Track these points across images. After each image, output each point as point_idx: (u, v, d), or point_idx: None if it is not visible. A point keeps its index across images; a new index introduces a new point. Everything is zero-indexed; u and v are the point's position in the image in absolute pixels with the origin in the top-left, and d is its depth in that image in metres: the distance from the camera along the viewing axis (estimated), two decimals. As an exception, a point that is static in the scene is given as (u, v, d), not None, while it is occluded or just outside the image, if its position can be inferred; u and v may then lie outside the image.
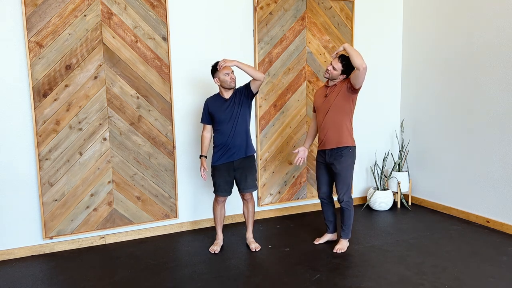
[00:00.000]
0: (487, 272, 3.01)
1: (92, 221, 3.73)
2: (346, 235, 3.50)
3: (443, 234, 3.83)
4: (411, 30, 4.85)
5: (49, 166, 3.54)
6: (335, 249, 3.46)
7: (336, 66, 3.28)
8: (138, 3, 3.71)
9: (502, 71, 3.82)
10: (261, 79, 3.26)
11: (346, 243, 3.52)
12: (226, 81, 3.29)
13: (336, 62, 3.28)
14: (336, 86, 3.33)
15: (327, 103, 3.35)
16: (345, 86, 3.27)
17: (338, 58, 3.29)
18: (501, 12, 3.80)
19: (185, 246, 3.69)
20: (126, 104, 3.76)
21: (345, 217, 3.45)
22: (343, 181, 3.37)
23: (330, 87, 3.38)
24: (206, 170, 3.47)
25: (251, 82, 3.33)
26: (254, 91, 3.34)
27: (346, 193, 3.40)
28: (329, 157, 3.39)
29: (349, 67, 3.27)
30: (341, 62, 3.27)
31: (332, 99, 3.32)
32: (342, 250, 3.45)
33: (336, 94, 3.30)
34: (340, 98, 3.29)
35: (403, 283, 2.87)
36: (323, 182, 3.54)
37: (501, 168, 3.88)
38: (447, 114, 4.43)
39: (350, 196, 3.42)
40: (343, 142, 3.33)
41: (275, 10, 4.24)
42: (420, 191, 4.85)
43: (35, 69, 3.43)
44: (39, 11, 3.40)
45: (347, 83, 3.26)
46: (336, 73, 3.29)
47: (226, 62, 3.21)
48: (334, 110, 3.31)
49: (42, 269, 3.26)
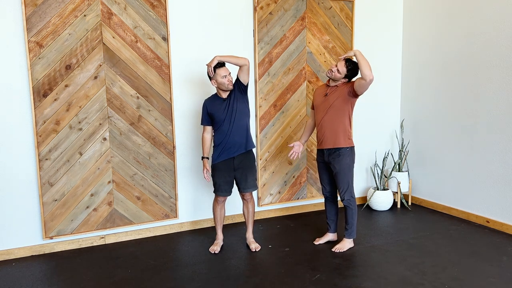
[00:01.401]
0: (487, 272, 3.01)
1: (92, 221, 3.73)
2: (349, 235, 3.48)
3: (443, 234, 3.83)
4: (411, 30, 4.85)
5: (49, 166, 3.54)
6: (334, 248, 3.45)
7: (341, 69, 3.27)
8: (138, 3, 3.71)
9: (502, 71, 3.82)
10: (246, 63, 3.26)
11: (348, 243, 3.49)
12: (224, 83, 3.28)
13: (342, 65, 3.27)
14: (338, 88, 3.33)
15: (326, 103, 3.35)
16: (346, 90, 3.28)
17: (345, 62, 3.28)
18: (501, 12, 3.80)
19: (185, 246, 3.69)
20: (126, 104, 3.76)
21: (348, 216, 3.44)
22: (343, 180, 3.38)
23: (331, 87, 3.37)
24: (209, 172, 3.47)
25: (238, 73, 3.33)
26: (245, 81, 3.33)
27: (347, 192, 3.41)
28: (327, 157, 3.40)
29: (353, 72, 3.28)
30: (347, 66, 3.26)
31: (332, 99, 3.32)
32: (341, 250, 3.43)
33: (337, 96, 3.30)
34: (340, 100, 3.29)
35: (403, 283, 2.87)
36: (326, 181, 3.55)
37: (501, 168, 3.88)
38: (447, 114, 4.43)
39: (351, 195, 3.42)
40: (341, 143, 3.34)
41: (275, 10, 4.24)
42: (420, 191, 4.85)
43: (35, 69, 3.43)
44: (39, 11, 3.40)
45: (349, 87, 3.26)
46: (340, 76, 3.28)
47: (210, 65, 3.24)
48: (333, 110, 3.32)
49: (42, 269, 3.26)
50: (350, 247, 3.49)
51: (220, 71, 3.26)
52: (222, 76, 3.26)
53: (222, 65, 3.28)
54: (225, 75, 3.26)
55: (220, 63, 3.27)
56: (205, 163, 3.45)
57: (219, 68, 3.26)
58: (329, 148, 3.36)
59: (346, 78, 3.32)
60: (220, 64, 3.27)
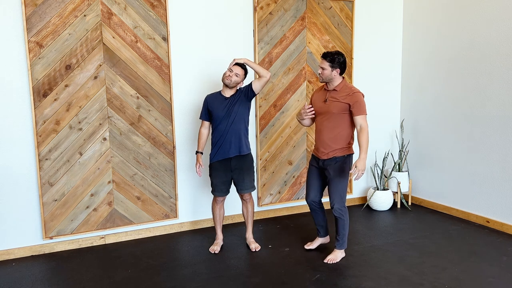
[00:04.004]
0: (487, 272, 3.01)
1: (92, 221, 3.73)
2: (341, 246, 3.28)
3: (443, 234, 3.83)
4: (411, 30, 4.85)
5: (49, 166, 3.54)
6: (327, 259, 3.25)
7: (323, 65, 3.08)
8: (138, 3, 3.71)
9: (503, 70, 3.82)
10: (267, 76, 3.33)
11: (341, 254, 3.30)
12: (226, 74, 3.34)
13: (322, 62, 3.09)
14: (338, 96, 3.09)
15: (326, 109, 3.15)
16: (347, 106, 3.06)
17: (323, 58, 3.09)
18: (501, 12, 3.80)
19: (185, 246, 3.69)
20: (126, 104, 3.76)
21: (339, 227, 3.24)
22: (336, 188, 3.16)
23: (330, 92, 3.16)
24: (202, 167, 3.49)
25: (255, 80, 3.36)
26: (257, 90, 3.36)
27: (339, 201, 3.17)
28: (322, 162, 3.21)
29: (335, 61, 3.06)
30: (326, 58, 3.07)
31: (332, 108, 3.11)
32: (334, 261, 3.24)
33: (336, 106, 3.09)
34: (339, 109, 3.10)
35: (403, 283, 2.87)
36: (314, 187, 3.32)
37: (501, 168, 3.88)
38: (447, 114, 4.43)
39: (343, 205, 3.19)
40: (339, 152, 3.14)
41: (275, 10, 4.24)
42: (420, 191, 4.85)
43: (35, 69, 3.43)
44: (39, 11, 3.40)
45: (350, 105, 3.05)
46: (328, 73, 3.08)
47: (235, 60, 3.35)
48: (332, 118, 3.12)
49: (42, 269, 3.26)
50: (342, 257, 3.30)
51: (234, 66, 3.34)
52: (230, 69, 3.33)
53: (242, 67, 3.37)
54: (232, 70, 3.33)
55: (240, 64, 3.35)
56: (199, 157, 3.47)
57: (236, 65, 3.35)
58: (325, 159, 3.18)
59: (338, 69, 3.09)
60: (241, 65, 3.36)
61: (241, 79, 3.37)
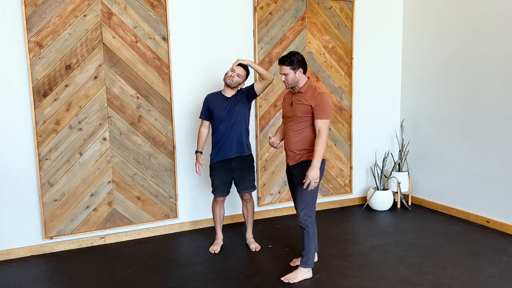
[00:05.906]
0: (487, 272, 3.01)
1: (92, 221, 3.73)
2: (305, 263, 2.91)
3: (443, 234, 3.83)
4: (411, 30, 4.85)
5: (49, 166, 3.54)
6: (284, 278, 2.92)
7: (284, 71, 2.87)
8: (138, 3, 3.71)
9: (502, 70, 3.82)
10: (271, 79, 3.34)
11: (302, 274, 2.92)
12: (227, 74, 3.34)
13: (282, 69, 2.88)
14: (303, 98, 2.87)
15: (292, 113, 2.93)
16: (310, 109, 2.84)
17: (281, 64, 2.89)
18: (501, 12, 3.80)
19: (185, 246, 3.69)
20: (126, 104, 3.76)
21: (304, 240, 2.89)
22: (301, 195, 2.86)
23: (296, 94, 2.94)
24: (202, 167, 3.49)
25: (257, 82, 3.37)
26: (258, 92, 3.37)
27: (305, 209, 2.86)
28: (292, 168, 2.99)
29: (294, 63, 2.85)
30: (284, 63, 2.87)
31: (297, 111, 2.89)
32: (292, 281, 2.88)
33: (301, 108, 2.87)
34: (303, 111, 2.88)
35: (403, 283, 2.87)
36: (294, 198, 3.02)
37: (501, 168, 3.88)
38: (447, 114, 4.43)
39: (309, 214, 2.87)
40: (305, 157, 2.90)
41: (275, 10, 4.24)
42: (420, 191, 4.85)
43: (35, 69, 3.43)
44: (39, 11, 3.40)
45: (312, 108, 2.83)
46: (291, 75, 2.87)
47: (239, 60, 3.34)
48: (299, 122, 2.90)
49: (42, 269, 3.26)
50: (305, 278, 2.92)
51: (236, 67, 3.35)
52: (232, 69, 3.34)
53: (244, 68, 3.37)
54: (234, 70, 3.33)
55: (243, 65, 3.35)
56: (198, 157, 3.47)
57: (238, 66, 3.35)
58: (293, 164, 2.96)
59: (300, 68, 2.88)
60: (243, 66, 3.36)
61: (242, 80, 3.37)
